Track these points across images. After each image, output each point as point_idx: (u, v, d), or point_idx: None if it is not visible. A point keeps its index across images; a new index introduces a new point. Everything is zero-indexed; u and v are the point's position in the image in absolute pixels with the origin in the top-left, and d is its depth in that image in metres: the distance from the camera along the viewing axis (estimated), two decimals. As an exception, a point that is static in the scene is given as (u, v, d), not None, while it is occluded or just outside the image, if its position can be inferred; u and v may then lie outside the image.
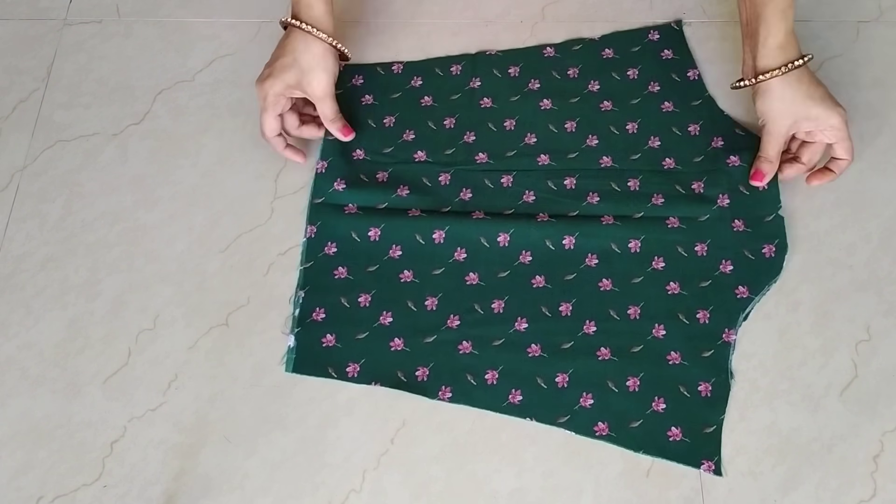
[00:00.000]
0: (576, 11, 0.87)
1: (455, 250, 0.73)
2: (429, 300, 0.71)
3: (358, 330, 0.71)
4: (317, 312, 0.71)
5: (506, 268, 0.72)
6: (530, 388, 0.68)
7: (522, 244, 0.73)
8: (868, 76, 0.82)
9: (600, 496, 0.65)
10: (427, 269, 0.73)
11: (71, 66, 0.85)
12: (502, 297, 0.71)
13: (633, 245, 0.72)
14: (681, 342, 0.69)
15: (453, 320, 0.70)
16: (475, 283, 0.72)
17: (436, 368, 0.69)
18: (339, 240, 0.74)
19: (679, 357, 0.68)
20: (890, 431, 0.67)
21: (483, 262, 0.73)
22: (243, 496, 0.66)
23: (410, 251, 0.73)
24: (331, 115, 0.75)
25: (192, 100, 0.83)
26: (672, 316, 0.70)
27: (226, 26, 0.87)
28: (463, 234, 0.73)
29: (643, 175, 0.76)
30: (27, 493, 0.66)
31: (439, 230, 0.73)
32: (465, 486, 0.66)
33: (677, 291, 0.71)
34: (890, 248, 0.74)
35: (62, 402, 0.69)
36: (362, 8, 0.88)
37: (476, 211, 0.74)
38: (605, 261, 0.72)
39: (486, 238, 0.73)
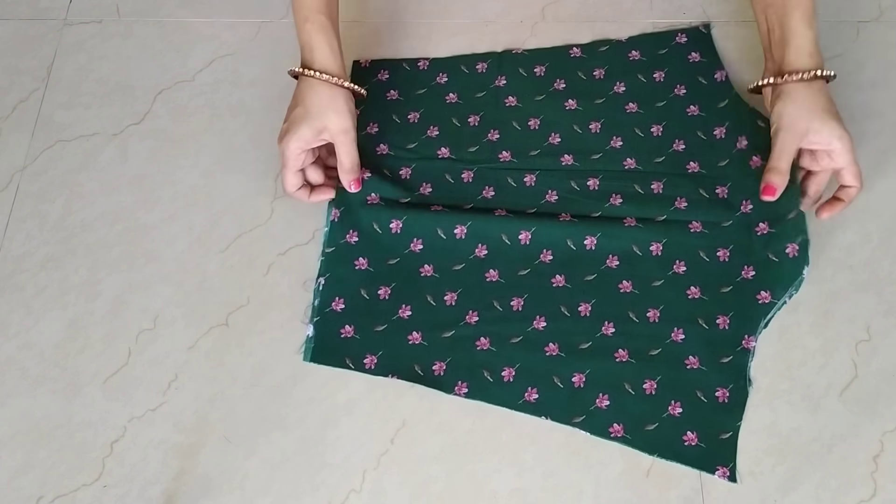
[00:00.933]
0: (576, 11, 0.87)
1: (476, 246, 0.73)
2: (448, 295, 0.71)
3: (377, 322, 0.71)
4: (336, 302, 0.71)
5: (526, 266, 0.72)
6: (546, 387, 0.68)
7: (544, 243, 0.72)
8: (868, 76, 0.82)
9: (600, 496, 0.65)
10: (447, 265, 0.73)
11: (71, 66, 0.85)
12: (522, 294, 0.71)
13: (654, 248, 0.72)
14: (699, 347, 0.69)
15: (472, 316, 0.70)
16: (495, 279, 0.72)
17: (453, 363, 0.69)
18: (361, 229, 0.73)
19: (697, 362, 0.68)
20: (890, 431, 0.67)
21: (504, 260, 0.72)
22: (243, 496, 0.66)
23: (431, 245, 0.73)
24: (347, 165, 0.72)
25: (192, 100, 0.83)
26: (692, 320, 0.69)
27: (226, 26, 0.87)
28: (485, 230, 0.73)
29: (667, 178, 0.75)
30: (27, 493, 0.66)
31: (461, 225, 0.72)
32: (465, 486, 0.66)
33: (698, 296, 0.70)
34: (890, 248, 0.74)
35: (62, 402, 0.69)
36: (362, 8, 0.88)
37: (498, 209, 0.74)
38: (626, 262, 0.72)
39: (507, 235, 0.72)
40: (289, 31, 0.86)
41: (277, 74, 0.84)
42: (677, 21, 0.85)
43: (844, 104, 0.80)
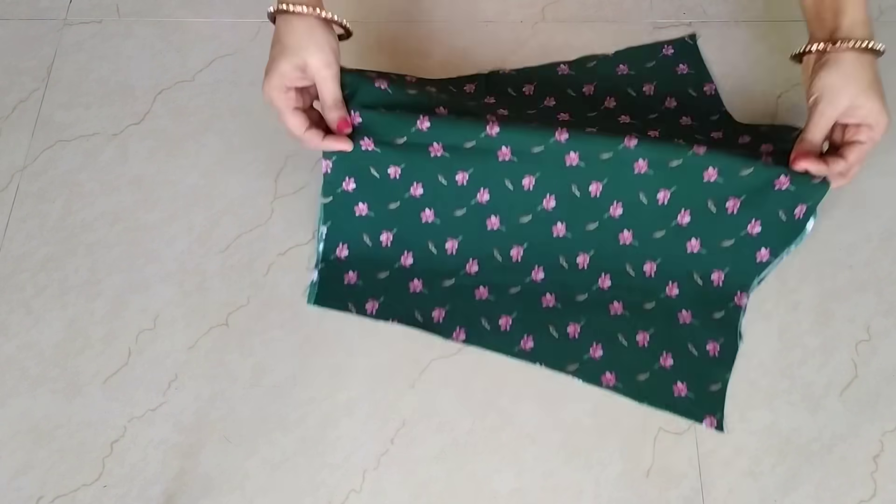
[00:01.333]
0: (576, 11, 0.87)
1: (478, 191, 0.72)
2: (449, 242, 0.72)
3: (379, 269, 0.72)
4: (340, 248, 0.72)
5: (528, 212, 0.72)
6: (542, 336, 0.69)
7: (548, 188, 0.71)
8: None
9: (600, 496, 0.65)
10: (448, 210, 0.72)
11: (71, 66, 0.85)
12: (521, 243, 0.72)
13: (661, 196, 0.70)
14: (693, 302, 0.70)
15: (472, 265, 0.72)
16: (496, 227, 0.72)
17: (452, 311, 0.70)
18: (358, 175, 0.72)
19: (689, 316, 0.69)
20: (890, 431, 0.67)
21: (506, 206, 0.72)
22: (243, 496, 0.66)
23: (432, 190, 0.72)
24: (329, 101, 0.67)
25: (192, 100, 0.83)
26: (687, 276, 0.70)
27: (226, 26, 0.87)
28: (487, 175, 0.71)
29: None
30: (27, 493, 0.66)
31: (463, 171, 0.71)
32: (465, 486, 0.66)
33: (697, 250, 0.70)
34: (890, 248, 0.74)
35: (62, 402, 0.69)
36: (362, 8, 0.88)
37: (503, 147, 0.70)
38: (630, 212, 0.71)
39: (511, 181, 0.71)
40: (289, 31, 0.87)
41: (277, 74, 0.84)
42: (677, 21, 0.86)
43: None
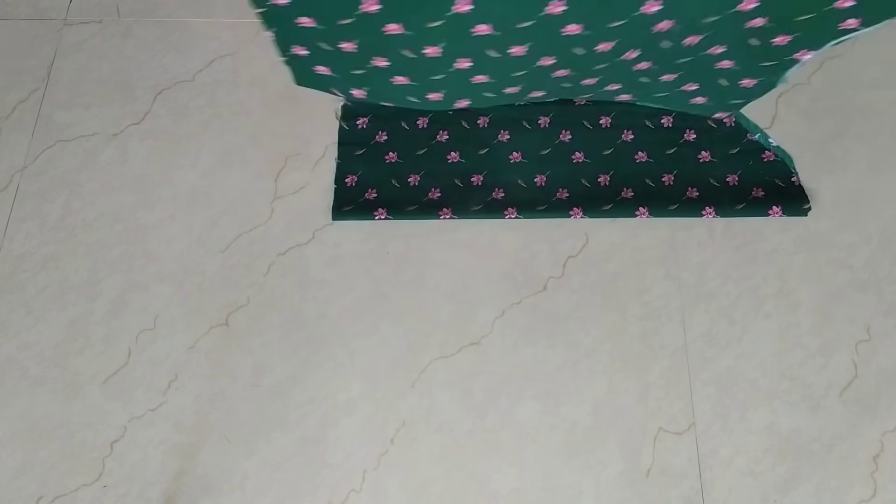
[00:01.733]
0: (576, 11, 0.87)
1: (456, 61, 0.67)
2: (428, 49, 0.64)
3: (354, 67, 0.68)
4: (296, 49, 0.69)
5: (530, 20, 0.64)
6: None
7: (544, 51, 0.65)
8: (868, 76, 0.82)
9: (600, 496, 0.65)
10: (423, 22, 0.63)
11: (71, 66, 0.85)
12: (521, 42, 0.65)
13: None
14: (740, 54, 0.66)
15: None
16: (487, 33, 0.63)
17: (448, 95, 0.71)
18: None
19: (731, 64, 0.67)
20: (890, 431, 0.67)
21: (498, 12, 0.62)
22: (243, 496, 0.66)
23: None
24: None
25: (192, 100, 0.83)
26: (742, 40, 0.64)
27: (226, 26, 0.87)
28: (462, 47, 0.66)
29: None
30: (27, 493, 0.66)
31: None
32: (465, 486, 0.66)
33: (762, 24, 0.63)
34: (890, 248, 0.74)
35: (62, 402, 0.69)
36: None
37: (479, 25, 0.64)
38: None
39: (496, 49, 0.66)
40: (289, 31, 0.87)
41: (277, 74, 0.84)
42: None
43: (844, 104, 0.80)
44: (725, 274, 0.73)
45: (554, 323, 0.72)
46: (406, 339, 0.71)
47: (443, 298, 0.73)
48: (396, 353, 0.71)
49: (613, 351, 0.70)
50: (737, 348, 0.70)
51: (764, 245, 0.74)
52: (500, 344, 0.71)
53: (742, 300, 0.72)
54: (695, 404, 0.68)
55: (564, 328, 0.71)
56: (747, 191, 0.75)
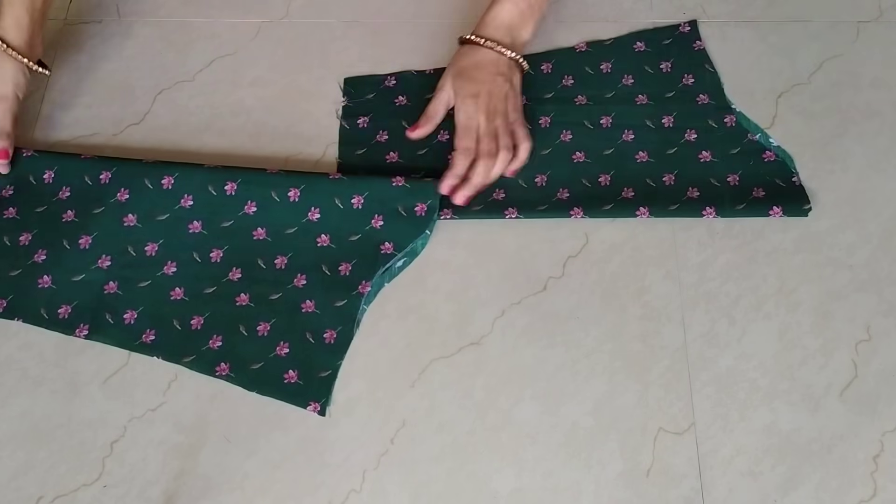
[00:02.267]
0: (576, 11, 0.87)
1: (119, 191, 0.75)
2: (83, 239, 0.74)
3: (11, 267, 0.73)
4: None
5: (166, 211, 0.75)
6: (165, 328, 0.71)
7: (186, 189, 0.75)
8: (868, 76, 0.82)
9: (600, 496, 0.65)
10: (88, 209, 0.75)
11: (71, 66, 0.85)
12: (157, 240, 0.74)
13: (292, 194, 0.74)
14: (318, 291, 0.72)
15: (104, 260, 0.73)
16: (133, 224, 0.74)
17: (78, 307, 0.71)
18: (16, 182, 0.77)
19: (313, 305, 0.71)
20: (890, 431, 0.67)
21: (147, 203, 0.75)
22: (243, 496, 0.66)
23: (78, 192, 0.76)
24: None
25: (192, 100, 0.83)
26: (316, 267, 0.72)
27: (226, 26, 0.87)
28: (130, 176, 0.76)
29: None
30: (27, 493, 0.66)
31: (106, 171, 0.76)
32: (465, 486, 0.66)
33: (327, 244, 0.73)
34: (890, 248, 0.74)
35: (62, 402, 0.69)
36: (362, 8, 0.88)
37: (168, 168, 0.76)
38: (263, 208, 0.74)
39: (149, 180, 0.75)
40: (289, 31, 0.87)
41: (277, 74, 0.84)
42: (677, 21, 0.85)
43: (844, 104, 0.80)
44: (725, 274, 0.73)
45: (554, 323, 0.72)
46: (406, 339, 0.71)
47: (443, 298, 0.73)
48: (396, 353, 0.71)
49: (613, 351, 0.70)
50: (737, 348, 0.70)
51: (764, 245, 0.74)
52: (500, 344, 0.71)
53: (742, 300, 0.72)
54: (695, 404, 0.68)
55: (564, 328, 0.71)
56: (748, 191, 0.75)
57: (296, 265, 0.73)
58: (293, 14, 0.88)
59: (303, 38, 0.86)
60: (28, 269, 0.73)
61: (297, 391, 0.68)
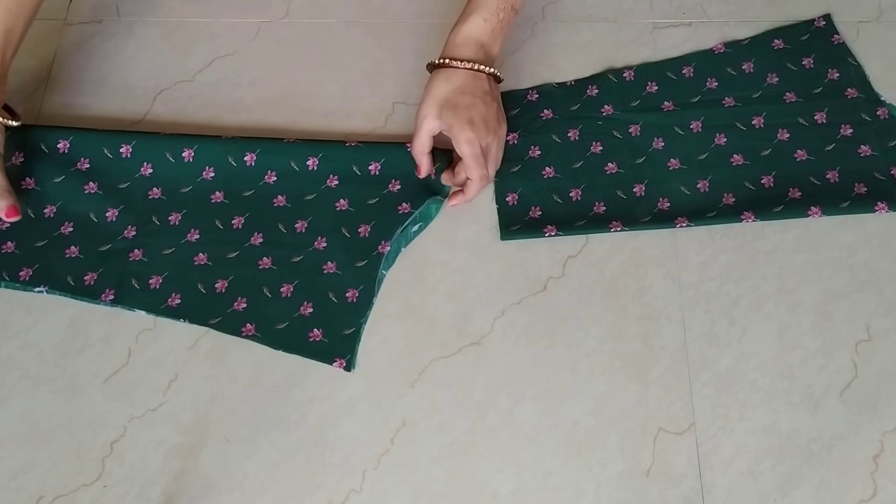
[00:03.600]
0: (575, 11, 0.87)
1: (142, 165, 0.77)
2: (110, 212, 0.75)
3: (38, 237, 0.74)
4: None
5: (189, 183, 0.76)
6: (190, 293, 0.72)
7: (206, 160, 0.77)
8: (868, 76, 0.82)
9: (600, 496, 0.65)
10: (113, 184, 0.76)
11: (71, 66, 0.85)
12: (181, 210, 0.75)
13: (311, 163, 0.76)
14: (339, 253, 0.73)
15: (130, 231, 0.74)
16: (157, 196, 0.76)
17: (104, 273, 0.73)
18: (28, 151, 0.77)
19: (334, 266, 0.73)
20: (890, 431, 0.67)
21: (168, 178, 0.76)
22: (243, 496, 0.66)
23: (98, 164, 0.77)
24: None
25: (192, 100, 0.83)
26: (336, 230, 0.74)
27: (226, 26, 0.87)
28: (151, 150, 0.77)
29: None
30: (27, 493, 0.66)
31: (126, 144, 0.77)
32: (465, 486, 0.66)
33: (346, 208, 0.75)
34: (890, 248, 0.74)
35: (62, 402, 0.69)
36: (362, 8, 0.88)
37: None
38: (283, 177, 0.76)
39: (171, 153, 0.77)
40: (289, 31, 0.87)
41: (277, 74, 0.84)
42: (677, 21, 0.85)
43: (844, 104, 0.80)
44: (725, 274, 0.73)
45: (554, 323, 0.72)
46: (406, 339, 0.71)
47: (443, 298, 0.73)
48: (396, 353, 0.71)
49: (613, 351, 0.70)
50: (737, 348, 0.70)
51: (764, 245, 0.74)
52: (500, 344, 0.71)
53: (742, 300, 0.72)
54: (695, 404, 0.68)
55: (564, 328, 0.71)
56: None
57: (316, 229, 0.74)
58: (293, 14, 0.88)
59: (303, 38, 0.86)
60: (55, 241, 0.74)
61: (322, 349, 0.69)
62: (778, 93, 0.80)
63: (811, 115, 0.79)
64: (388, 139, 0.80)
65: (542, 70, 0.83)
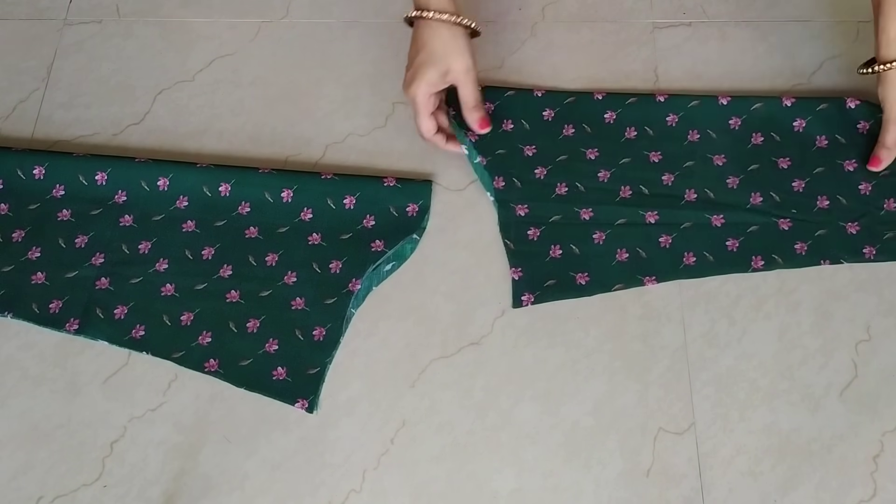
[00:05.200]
0: (576, 11, 0.87)
1: (116, 193, 0.76)
2: (79, 238, 0.74)
3: (4, 263, 0.73)
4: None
5: (161, 212, 0.75)
6: (155, 324, 0.71)
7: (181, 190, 0.76)
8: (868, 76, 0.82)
9: (600, 496, 0.65)
10: (86, 210, 0.75)
11: (71, 66, 0.85)
12: (150, 239, 0.74)
13: (285, 195, 0.75)
14: (308, 289, 0.72)
15: (98, 258, 0.73)
16: (129, 224, 0.75)
17: (69, 302, 0.71)
18: (5, 177, 0.77)
19: (303, 302, 0.71)
20: (890, 431, 0.67)
21: (142, 204, 0.76)
22: (243, 496, 0.66)
23: (73, 192, 0.76)
24: (471, 102, 0.74)
25: (192, 100, 0.83)
26: (307, 265, 0.73)
27: (226, 26, 0.87)
28: (126, 178, 0.76)
29: None
30: (27, 493, 0.66)
31: (101, 172, 0.76)
32: (465, 486, 0.66)
33: (318, 242, 0.74)
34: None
35: (62, 402, 0.69)
36: (362, 8, 0.88)
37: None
38: (256, 208, 0.75)
39: (146, 182, 0.76)
40: (289, 31, 0.87)
41: (277, 74, 0.84)
42: (677, 21, 0.85)
43: (844, 104, 0.80)
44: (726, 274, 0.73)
45: (554, 323, 0.72)
46: (406, 339, 0.71)
47: (443, 298, 0.73)
48: (396, 353, 0.71)
49: (613, 351, 0.70)
50: (737, 348, 0.70)
51: (764, 245, 0.74)
52: (500, 344, 0.71)
53: (742, 300, 0.72)
54: (695, 404, 0.68)
55: (564, 328, 0.71)
56: None
57: (287, 262, 0.73)
58: (293, 14, 0.88)
59: (303, 38, 0.86)
60: (21, 266, 0.73)
61: (285, 388, 0.68)
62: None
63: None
64: (387, 139, 0.80)
65: (542, 70, 0.83)
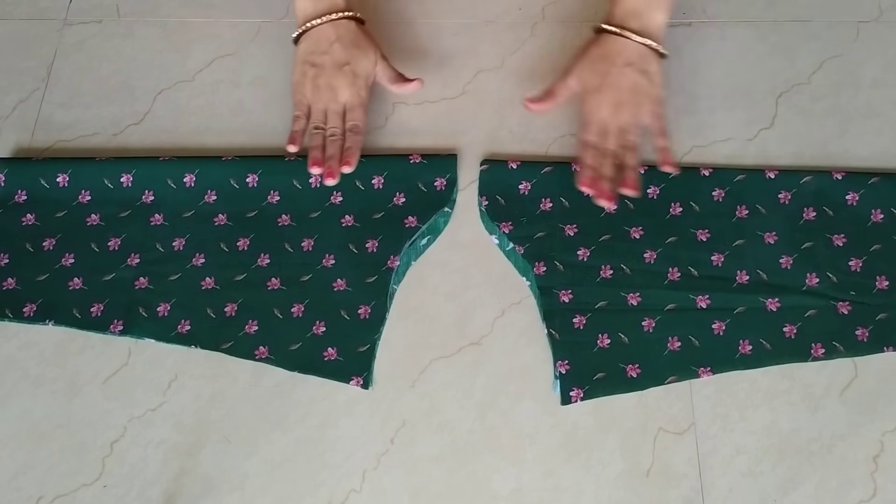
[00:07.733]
0: (576, 11, 0.87)
1: (143, 193, 0.76)
2: (111, 241, 0.74)
3: (38, 272, 0.73)
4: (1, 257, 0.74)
5: (191, 208, 0.76)
6: (199, 318, 0.71)
7: (208, 184, 0.76)
8: (868, 76, 0.82)
9: (600, 496, 0.65)
10: (114, 212, 0.76)
11: (71, 66, 0.85)
12: (184, 235, 0.75)
13: (313, 181, 0.76)
14: (348, 270, 0.73)
15: (133, 259, 0.74)
16: (159, 223, 0.75)
17: (110, 304, 0.72)
18: (29, 187, 0.77)
19: (344, 283, 0.72)
20: (890, 431, 0.67)
21: (169, 203, 0.76)
22: (243, 496, 0.66)
23: (100, 196, 0.76)
24: (395, 76, 0.76)
25: (192, 100, 0.83)
26: (343, 247, 0.73)
27: (226, 26, 0.87)
28: (150, 176, 0.77)
29: None
30: (27, 493, 0.66)
31: (126, 174, 0.77)
32: (465, 486, 0.66)
33: (351, 223, 0.74)
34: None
35: (62, 402, 0.69)
36: (363, 8, 0.88)
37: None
38: (286, 196, 0.76)
39: (172, 180, 0.76)
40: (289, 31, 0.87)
41: (277, 74, 0.84)
42: (677, 21, 0.85)
43: (844, 104, 0.80)
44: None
45: (554, 323, 0.72)
46: (406, 339, 0.71)
47: (443, 298, 0.73)
48: (396, 353, 0.71)
49: (613, 351, 0.70)
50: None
51: (764, 245, 0.74)
52: (500, 344, 0.71)
53: (742, 300, 0.72)
54: (695, 404, 0.68)
55: (564, 328, 0.71)
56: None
57: (323, 246, 0.73)
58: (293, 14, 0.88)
59: (303, 38, 0.86)
60: (56, 273, 0.73)
61: (337, 368, 0.69)
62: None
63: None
64: (387, 139, 0.80)
65: (542, 70, 0.83)
